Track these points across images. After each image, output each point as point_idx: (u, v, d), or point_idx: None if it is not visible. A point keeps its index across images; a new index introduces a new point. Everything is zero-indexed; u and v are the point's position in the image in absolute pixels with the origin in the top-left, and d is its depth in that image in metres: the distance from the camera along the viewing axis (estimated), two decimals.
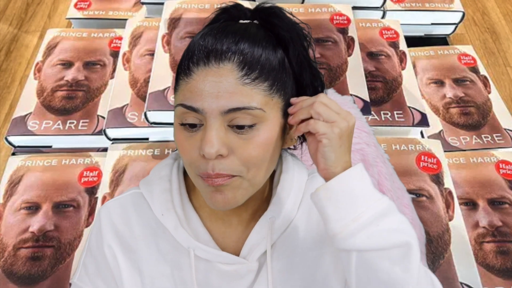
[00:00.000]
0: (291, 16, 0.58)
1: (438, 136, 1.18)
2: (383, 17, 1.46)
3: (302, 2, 1.42)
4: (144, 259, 0.61)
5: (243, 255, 0.59)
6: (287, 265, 0.61)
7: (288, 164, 0.63)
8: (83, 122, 1.13)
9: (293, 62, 0.56)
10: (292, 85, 0.57)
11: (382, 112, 1.17)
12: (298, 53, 0.56)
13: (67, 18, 1.46)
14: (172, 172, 0.62)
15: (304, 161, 0.72)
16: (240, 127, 0.51)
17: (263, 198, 0.62)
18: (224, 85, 0.49)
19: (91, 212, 1.01)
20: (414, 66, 1.31)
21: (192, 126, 0.52)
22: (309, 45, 0.59)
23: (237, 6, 0.58)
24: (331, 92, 1.00)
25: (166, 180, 0.62)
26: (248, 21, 0.57)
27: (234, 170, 0.51)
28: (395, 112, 1.17)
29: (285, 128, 0.57)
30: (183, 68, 0.52)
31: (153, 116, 1.10)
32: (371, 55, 1.30)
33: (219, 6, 0.58)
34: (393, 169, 0.97)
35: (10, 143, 1.13)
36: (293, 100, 0.56)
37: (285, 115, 0.55)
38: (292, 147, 0.65)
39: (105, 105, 1.15)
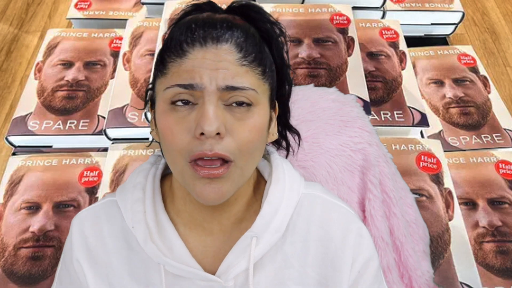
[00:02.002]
0: (266, 13, 0.57)
1: (438, 136, 1.18)
2: (383, 17, 1.46)
3: (302, 2, 1.42)
4: (116, 273, 0.58)
5: (219, 273, 0.55)
6: None
7: (278, 174, 0.59)
8: (83, 122, 1.14)
9: (275, 55, 0.56)
10: (275, 77, 0.57)
11: (382, 112, 1.17)
12: (279, 47, 0.56)
13: (67, 18, 1.46)
14: (147, 180, 0.58)
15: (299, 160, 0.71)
16: (239, 104, 0.49)
17: (246, 206, 0.58)
18: (223, 64, 0.48)
19: None
20: (414, 66, 1.31)
21: (185, 104, 0.49)
22: (286, 43, 0.58)
23: (210, 3, 0.56)
24: (333, 91, 1.00)
25: (139, 188, 0.58)
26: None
27: (230, 152, 0.49)
28: (395, 112, 1.17)
29: (271, 121, 0.57)
30: (174, 50, 0.50)
31: None
32: (371, 55, 1.30)
33: (191, 2, 0.56)
34: (396, 169, 0.97)
35: (10, 143, 1.14)
36: None
37: (271, 106, 0.55)
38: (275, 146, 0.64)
39: (105, 105, 1.16)
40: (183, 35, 0.50)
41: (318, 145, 0.88)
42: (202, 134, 0.47)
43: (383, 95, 1.21)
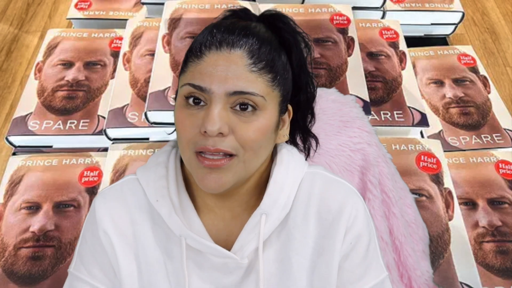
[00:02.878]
0: (293, 24, 0.61)
1: (438, 136, 1.18)
2: (383, 17, 1.46)
3: (302, 2, 1.43)
4: (140, 244, 0.61)
5: (234, 250, 0.59)
6: (280, 269, 0.60)
7: (282, 156, 0.62)
8: (83, 122, 1.14)
9: (294, 64, 0.60)
10: (290, 84, 0.60)
11: (382, 112, 1.17)
12: (299, 57, 0.60)
13: (67, 18, 1.46)
14: (169, 159, 0.63)
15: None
16: (243, 108, 0.53)
17: (256, 193, 0.62)
18: (233, 69, 0.53)
19: None
20: (414, 66, 1.31)
21: (196, 103, 0.54)
22: (309, 54, 0.62)
23: (245, 10, 0.61)
24: (333, 91, 1.00)
25: (162, 166, 0.62)
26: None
27: (232, 148, 0.53)
28: (395, 112, 1.17)
29: (279, 124, 0.60)
30: (194, 51, 0.55)
31: (154, 116, 1.10)
32: (371, 55, 1.30)
33: (228, 7, 0.62)
34: (396, 169, 0.97)
35: (10, 143, 1.14)
36: None
37: (281, 111, 0.58)
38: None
39: (105, 105, 1.16)
40: (204, 38, 0.55)
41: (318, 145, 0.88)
42: (205, 132, 0.52)
43: (383, 95, 1.21)
